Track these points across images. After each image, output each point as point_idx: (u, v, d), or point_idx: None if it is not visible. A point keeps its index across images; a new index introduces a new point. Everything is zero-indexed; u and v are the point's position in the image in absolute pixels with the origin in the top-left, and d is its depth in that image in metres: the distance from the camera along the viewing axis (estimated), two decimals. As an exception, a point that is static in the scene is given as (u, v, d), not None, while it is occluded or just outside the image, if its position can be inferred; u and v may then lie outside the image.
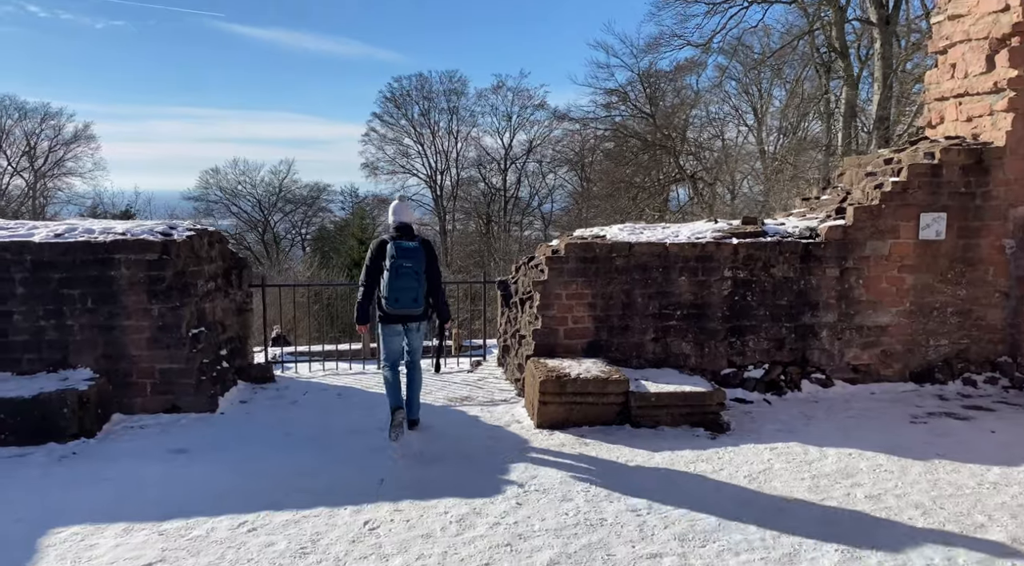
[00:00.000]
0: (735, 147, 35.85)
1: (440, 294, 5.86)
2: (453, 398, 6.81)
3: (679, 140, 34.81)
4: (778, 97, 34.29)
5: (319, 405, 6.64)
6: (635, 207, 34.96)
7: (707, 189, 35.76)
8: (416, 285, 5.62)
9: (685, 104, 36.28)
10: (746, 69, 31.91)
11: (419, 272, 5.62)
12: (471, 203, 49.88)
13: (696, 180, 35.53)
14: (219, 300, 7.05)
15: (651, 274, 6.67)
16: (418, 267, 5.62)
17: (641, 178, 35.69)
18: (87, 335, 6.09)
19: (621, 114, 37.01)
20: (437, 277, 5.81)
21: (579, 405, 5.89)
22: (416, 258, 5.63)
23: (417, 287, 5.63)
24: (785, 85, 32.72)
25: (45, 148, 46.71)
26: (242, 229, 50.99)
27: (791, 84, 28.85)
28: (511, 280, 7.70)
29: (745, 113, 36.18)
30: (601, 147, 40.84)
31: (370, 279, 5.78)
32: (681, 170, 35.63)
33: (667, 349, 6.78)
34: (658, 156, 35.15)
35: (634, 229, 6.99)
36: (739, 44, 28.81)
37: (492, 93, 48.28)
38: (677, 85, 36.43)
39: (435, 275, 5.79)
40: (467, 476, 4.97)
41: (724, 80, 33.01)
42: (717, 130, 36.61)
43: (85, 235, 6.12)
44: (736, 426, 5.98)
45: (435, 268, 5.80)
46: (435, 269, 5.80)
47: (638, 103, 36.31)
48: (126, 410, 6.18)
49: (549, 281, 6.58)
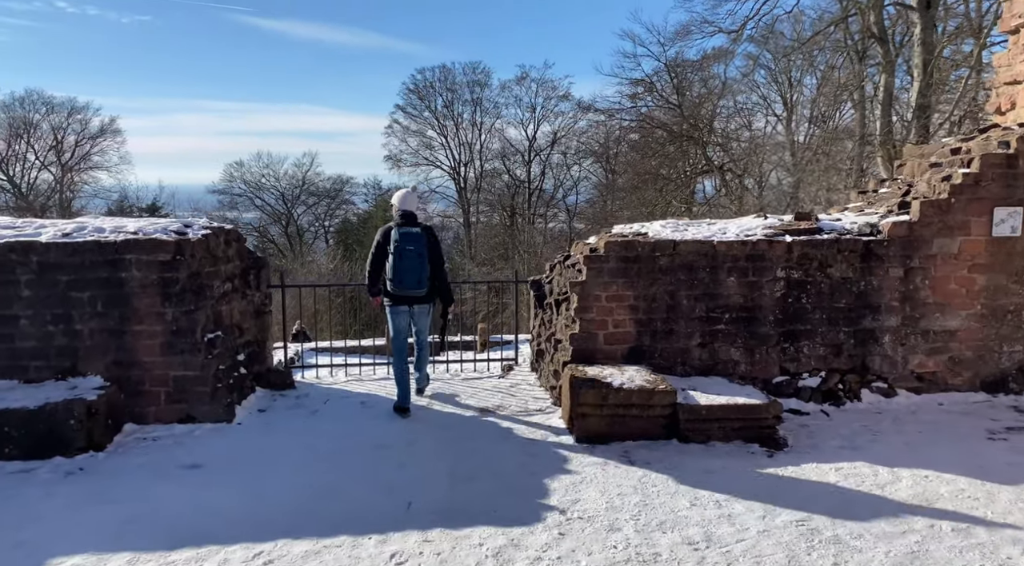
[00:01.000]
0: (763, 138, 34.98)
1: (443, 277, 6.24)
2: (484, 407, 6.37)
3: (706, 131, 34.04)
4: (809, 86, 33.30)
5: (341, 415, 6.24)
6: (662, 199, 34.31)
7: (735, 181, 34.99)
8: (419, 267, 6.01)
9: (712, 94, 35.47)
10: (776, 58, 30.97)
11: (422, 255, 6.03)
12: (495, 195, 49.45)
13: (724, 172, 34.75)
14: (236, 302, 6.67)
15: (697, 274, 6.17)
16: (421, 250, 6.02)
17: (667, 170, 34.99)
18: (97, 341, 5.74)
19: (647, 105, 36.29)
20: (439, 262, 6.22)
21: (622, 417, 5.42)
22: (419, 242, 6.04)
23: (420, 269, 6.02)
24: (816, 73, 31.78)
25: (72, 142, 47.06)
26: (266, 222, 51.22)
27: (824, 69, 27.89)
28: (545, 279, 7.24)
29: (774, 103, 35.21)
30: (626, 138, 40.14)
31: (375, 264, 6.21)
32: (709, 161, 34.86)
33: (715, 355, 6.27)
34: (685, 147, 34.41)
35: (677, 226, 6.48)
36: (771, 32, 27.94)
37: (516, 84, 47.82)
38: (704, 75, 35.63)
39: (437, 259, 6.19)
40: (502, 499, 4.53)
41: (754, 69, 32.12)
42: (745, 120, 35.76)
43: (95, 234, 5.76)
44: (794, 442, 5.47)
45: (437, 253, 6.20)
46: (437, 254, 6.20)
47: (664, 93, 35.54)
48: (139, 420, 5.83)
49: (587, 282, 6.10)
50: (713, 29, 23.47)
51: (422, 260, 6.03)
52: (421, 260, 6.02)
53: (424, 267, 6.05)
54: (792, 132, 33.90)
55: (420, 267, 6.02)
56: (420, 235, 6.07)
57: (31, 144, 46.10)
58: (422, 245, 6.04)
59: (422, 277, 6.05)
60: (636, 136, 38.10)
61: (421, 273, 6.03)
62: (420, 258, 6.01)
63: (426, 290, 6.14)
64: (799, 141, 32.45)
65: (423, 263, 6.04)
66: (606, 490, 4.65)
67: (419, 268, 6.02)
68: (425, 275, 6.07)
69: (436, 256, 6.17)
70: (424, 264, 6.05)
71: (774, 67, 33.32)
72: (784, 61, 31.79)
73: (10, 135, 45.27)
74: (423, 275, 6.05)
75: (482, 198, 49.59)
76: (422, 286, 6.08)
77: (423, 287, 6.09)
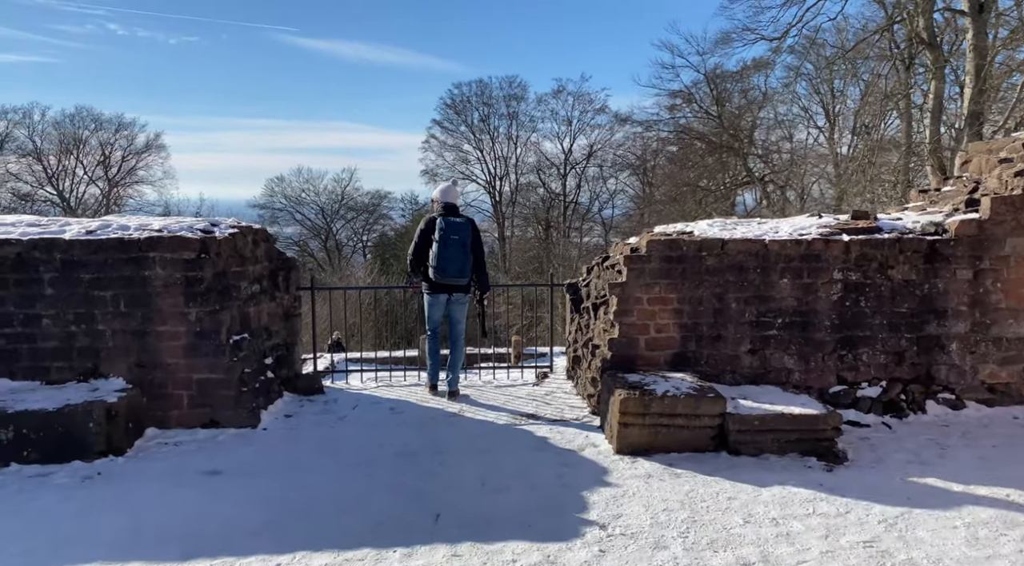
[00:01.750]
0: (804, 150, 34.21)
1: (483, 267, 6.40)
2: (518, 415, 6.04)
3: (747, 142, 33.43)
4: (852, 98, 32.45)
5: (369, 421, 5.96)
6: (702, 211, 33.76)
7: (777, 193, 34.27)
8: (462, 257, 6.14)
9: (752, 105, 34.87)
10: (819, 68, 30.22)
11: (466, 245, 6.15)
12: (530, 208, 49.27)
13: (766, 183, 34.07)
14: (264, 304, 6.47)
15: (747, 276, 5.78)
16: (465, 240, 6.15)
17: (706, 182, 34.42)
18: (119, 341, 5.57)
19: (685, 116, 35.80)
20: (481, 253, 6.39)
21: (666, 428, 5.05)
22: (463, 232, 6.17)
23: (463, 259, 6.15)
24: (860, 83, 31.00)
25: (118, 157, 48.25)
26: (306, 236, 51.87)
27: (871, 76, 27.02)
28: (581, 283, 6.91)
29: (816, 114, 34.40)
30: (664, 151, 39.69)
31: (418, 252, 6.36)
32: (750, 173, 34.21)
33: (766, 363, 5.86)
34: (724, 159, 33.83)
35: (725, 224, 6.10)
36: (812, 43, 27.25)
37: (552, 98, 47.69)
38: (744, 86, 35.08)
39: (479, 251, 6.36)
40: (537, 512, 4.20)
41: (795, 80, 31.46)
42: (786, 132, 35.01)
43: (119, 232, 5.61)
44: (855, 456, 5.03)
45: (479, 245, 6.37)
46: (479, 246, 6.37)
47: (703, 104, 35.03)
48: (161, 424, 5.63)
49: (628, 283, 5.75)
50: (755, 37, 22.93)
51: (465, 250, 6.15)
52: (464, 250, 6.15)
53: (467, 256, 6.17)
54: (835, 143, 33.08)
55: (463, 256, 6.15)
56: (465, 225, 6.24)
57: (80, 159, 47.42)
58: (467, 235, 6.18)
59: (465, 267, 6.17)
60: (674, 148, 37.64)
61: (464, 262, 6.16)
62: (464, 248, 6.14)
63: (467, 280, 6.28)
64: (842, 153, 31.62)
65: (466, 253, 6.16)
66: (650, 505, 4.28)
67: (462, 257, 6.14)
68: (468, 265, 6.19)
69: (478, 246, 6.33)
70: (467, 254, 6.17)
71: (815, 78, 32.61)
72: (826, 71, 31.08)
73: (60, 151, 46.72)
74: (466, 265, 6.18)
75: (517, 212, 49.43)
76: (464, 275, 6.20)
77: (465, 276, 6.22)
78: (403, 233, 48.33)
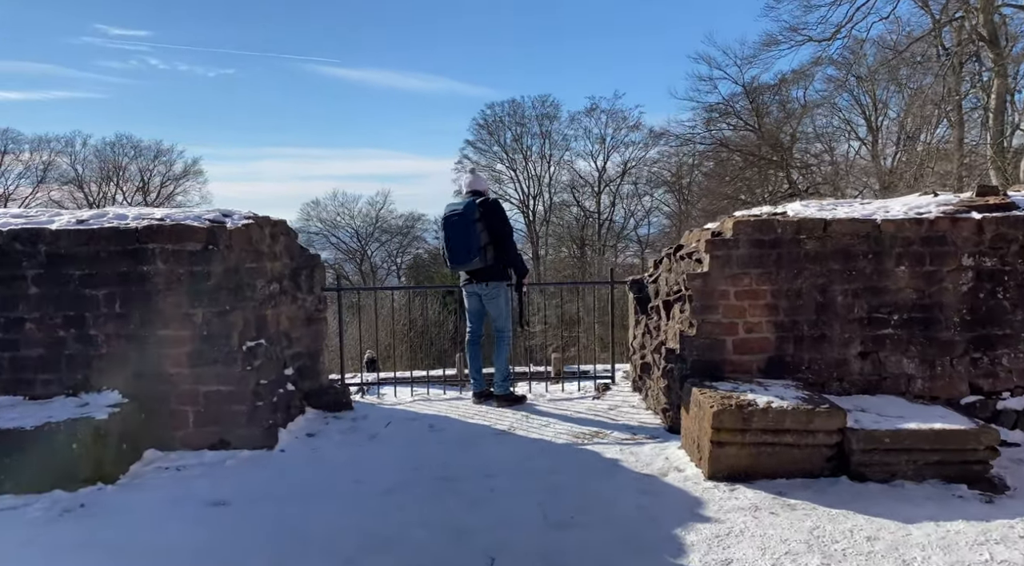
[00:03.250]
0: (847, 163, 32.95)
1: (508, 247, 5.67)
2: (580, 434, 5.09)
3: (788, 153, 32.30)
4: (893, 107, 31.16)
5: (404, 440, 5.07)
6: None
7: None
8: (464, 235, 5.48)
9: (792, 117, 33.76)
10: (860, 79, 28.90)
11: (469, 222, 5.49)
12: (564, 227, 48.58)
13: (810, 195, 32.87)
14: (284, 306, 5.65)
15: (855, 263, 4.79)
16: (469, 216, 5.48)
17: (746, 196, 33.33)
18: (114, 348, 4.78)
19: (723, 129, 34.74)
20: (501, 231, 5.63)
21: (771, 447, 4.06)
22: (467, 210, 5.51)
23: (466, 238, 5.48)
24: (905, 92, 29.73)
25: (157, 184, 48.78)
26: (341, 259, 51.95)
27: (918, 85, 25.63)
28: (647, 278, 5.97)
29: (858, 126, 33.06)
30: (702, 166, 38.71)
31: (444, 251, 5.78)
32: (793, 185, 33.04)
33: (880, 368, 4.84)
34: (764, 172, 32.71)
35: (822, 206, 5.14)
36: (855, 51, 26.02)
37: (585, 116, 46.99)
38: (783, 97, 34.01)
39: (497, 228, 5.61)
40: (619, 555, 3.25)
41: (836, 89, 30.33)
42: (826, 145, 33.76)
43: (115, 220, 4.85)
44: (1014, 482, 3.98)
45: (496, 221, 5.61)
46: (496, 222, 5.61)
47: (742, 116, 33.97)
48: (162, 445, 4.81)
49: (711, 274, 4.80)
50: (803, 38, 21.91)
51: (468, 228, 5.49)
52: (467, 228, 5.49)
53: (473, 236, 5.49)
54: (879, 155, 31.69)
55: (466, 235, 5.49)
56: (468, 202, 5.56)
57: (120, 186, 48.08)
58: (471, 212, 5.50)
59: (471, 247, 5.51)
60: (711, 163, 36.70)
61: (469, 242, 5.49)
62: (467, 226, 5.49)
63: (484, 264, 5.59)
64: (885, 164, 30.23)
65: (470, 231, 5.49)
66: (767, 546, 3.30)
67: (464, 236, 5.50)
68: (476, 245, 5.51)
69: (495, 224, 5.59)
70: (472, 232, 5.50)
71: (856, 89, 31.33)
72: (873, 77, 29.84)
73: (101, 178, 47.47)
74: (472, 245, 5.50)
75: (551, 231, 48.74)
76: (472, 256, 5.53)
77: (474, 257, 5.54)
78: (436, 255, 47.83)
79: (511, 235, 5.72)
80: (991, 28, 20.92)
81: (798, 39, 21.89)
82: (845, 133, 33.88)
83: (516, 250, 5.77)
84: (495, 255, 5.64)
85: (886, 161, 31.13)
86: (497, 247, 5.63)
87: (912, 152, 27.83)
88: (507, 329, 5.87)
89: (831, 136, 33.93)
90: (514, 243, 5.76)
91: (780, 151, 32.06)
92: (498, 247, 5.63)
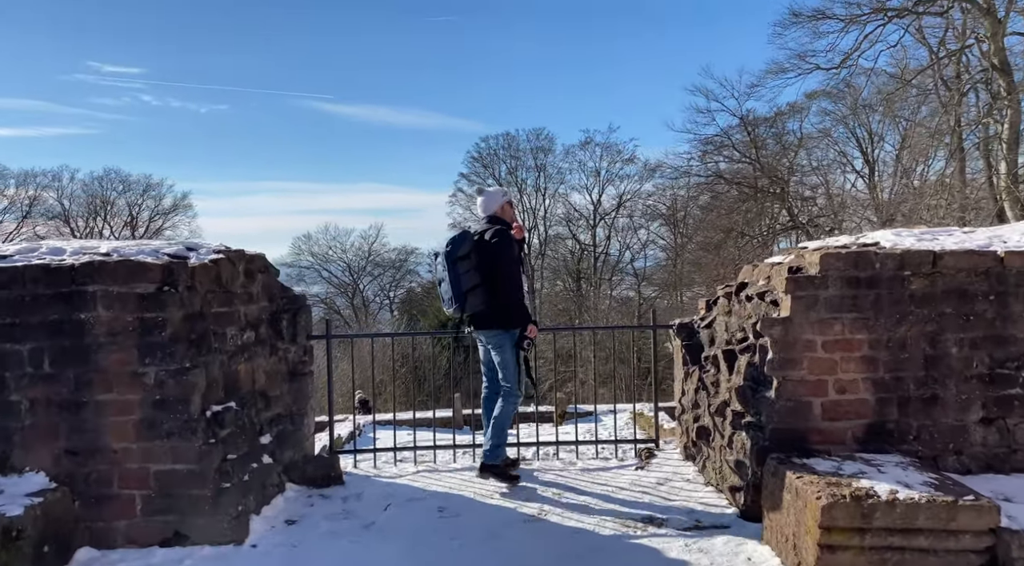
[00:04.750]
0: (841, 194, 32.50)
1: (501, 290, 4.75)
2: (629, 521, 4.07)
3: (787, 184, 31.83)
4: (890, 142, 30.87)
5: (408, 530, 4.03)
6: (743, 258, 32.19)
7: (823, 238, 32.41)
8: (447, 276, 4.77)
9: (788, 149, 33.37)
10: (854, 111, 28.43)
11: (452, 261, 4.76)
12: (559, 260, 48.01)
13: (810, 227, 32.35)
14: (261, 358, 4.66)
15: (973, 306, 3.85)
16: (453, 254, 4.75)
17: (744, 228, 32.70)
18: (41, 418, 3.76)
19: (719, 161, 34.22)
20: (493, 266, 4.76)
21: (899, 553, 3.07)
22: (449, 246, 4.78)
23: (453, 280, 4.74)
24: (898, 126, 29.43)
25: (145, 218, 47.86)
26: (332, 294, 51.01)
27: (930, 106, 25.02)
28: (699, 323, 5.01)
29: (854, 158, 32.67)
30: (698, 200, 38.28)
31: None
32: (794, 218, 32.46)
33: (1008, 438, 3.87)
34: (762, 204, 32.19)
35: (920, 236, 4.21)
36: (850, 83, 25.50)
37: (580, 149, 46.69)
38: (778, 130, 33.70)
39: (487, 263, 4.78)
40: None
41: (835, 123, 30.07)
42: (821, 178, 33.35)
43: (47, 256, 3.88)
44: None
45: (487, 256, 4.79)
46: (487, 257, 4.79)
47: (740, 149, 33.51)
48: (101, 541, 3.77)
49: (793, 320, 3.85)
50: (810, 66, 21.34)
51: (451, 268, 4.76)
52: (454, 268, 4.75)
53: (456, 277, 4.74)
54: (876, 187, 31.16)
55: (451, 276, 4.76)
56: (455, 236, 4.85)
57: (108, 220, 47.11)
58: (457, 249, 4.76)
59: (458, 290, 4.75)
60: (708, 196, 36.24)
61: (454, 284, 4.75)
62: (451, 266, 4.76)
63: (474, 310, 4.77)
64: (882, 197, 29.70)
65: (453, 272, 4.75)
66: None
67: (449, 278, 4.76)
68: (464, 286, 4.74)
69: (486, 259, 4.78)
70: (454, 273, 4.75)
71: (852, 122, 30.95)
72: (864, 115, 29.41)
73: (88, 213, 46.54)
74: (459, 287, 4.74)
75: (547, 264, 48.09)
76: (457, 302, 4.77)
77: (454, 304, 4.78)
78: (430, 289, 46.94)
79: (509, 276, 4.76)
80: (1002, 56, 20.44)
81: (806, 67, 21.34)
82: (841, 165, 33.51)
83: (516, 293, 4.79)
84: (489, 297, 4.77)
85: (883, 193, 30.65)
86: (488, 289, 4.77)
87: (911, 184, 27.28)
88: (513, 387, 4.85)
89: (827, 169, 33.60)
90: (513, 284, 4.78)
91: (779, 183, 31.61)
92: (493, 285, 4.77)
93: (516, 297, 4.77)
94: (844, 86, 25.70)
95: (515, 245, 4.90)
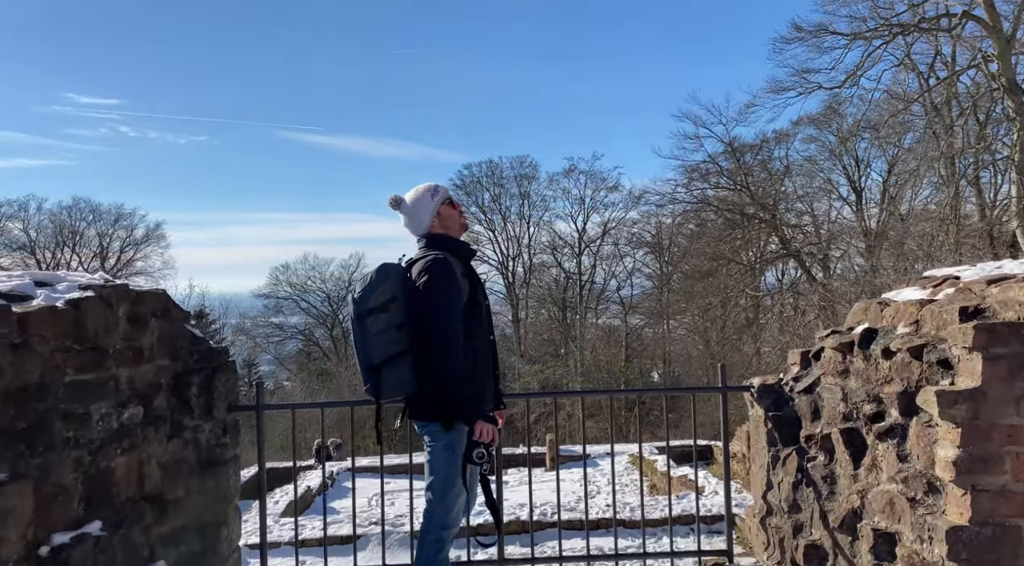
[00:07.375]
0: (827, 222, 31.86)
1: (434, 357, 2.89)
2: None
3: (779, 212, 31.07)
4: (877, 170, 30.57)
5: None
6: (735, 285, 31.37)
7: (818, 266, 32.06)
8: (359, 338, 2.98)
9: (774, 177, 32.68)
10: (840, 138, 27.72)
11: (366, 313, 2.96)
12: (544, 289, 47.01)
13: (803, 254, 31.64)
14: (153, 445, 3.11)
15: None
16: (363, 304, 2.98)
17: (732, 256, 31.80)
18: None
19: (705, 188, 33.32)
20: (424, 322, 2.92)
21: None
22: (357, 296, 3.02)
23: (362, 345, 2.99)
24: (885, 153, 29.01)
25: (116, 248, 46.10)
26: (311, 325, 49.58)
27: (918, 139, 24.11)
28: (788, 385, 3.54)
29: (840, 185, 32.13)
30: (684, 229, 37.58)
31: None
32: (786, 245, 31.66)
33: None
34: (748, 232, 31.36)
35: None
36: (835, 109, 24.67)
37: (564, 177, 45.83)
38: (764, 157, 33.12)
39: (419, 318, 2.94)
40: None
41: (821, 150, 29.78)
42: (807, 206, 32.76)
43: None
44: None
45: (416, 305, 2.96)
46: (416, 307, 2.96)
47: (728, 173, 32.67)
48: None
49: (988, 394, 2.40)
50: (813, 85, 20.34)
51: (362, 326, 2.97)
52: (361, 327, 2.97)
53: (372, 340, 2.96)
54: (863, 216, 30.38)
55: (361, 341, 3.00)
56: (373, 278, 3.05)
57: (76, 251, 45.24)
58: (368, 295, 3.00)
59: (368, 361, 2.98)
60: (694, 225, 35.51)
61: (366, 352, 2.98)
62: (360, 322, 2.97)
63: (397, 391, 2.99)
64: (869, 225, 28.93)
65: (368, 334, 2.96)
66: None
67: (356, 344, 3.02)
68: (378, 356, 2.95)
69: (414, 310, 2.97)
70: (369, 334, 2.96)
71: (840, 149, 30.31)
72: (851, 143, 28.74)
73: (56, 244, 44.71)
74: (369, 357, 2.97)
75: (531, 293, 47.06)
76: (373, 378, 2.98)
77: (371, 383, 2.99)
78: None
79: (443, 341, 2.91)
80: (1011, 75, 19.58)
81: (808, 86, 20.32)
82: (827, 193, 32.90)
83: (455, 367, 2.92)
84: (417, 374, 2.99)
85: (870, 222, 29.91)
86: (414, 350, 2.99)
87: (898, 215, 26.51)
88: (436, 510, 3.04)
89: (813, 196, 33.03)
90: (450, 353, 2.91)
91: (769, 210, 30.91)
92: (416, 350, 2.98)
93: (454, 376, 2.91)
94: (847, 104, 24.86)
95: (458, 282, 3.04)
